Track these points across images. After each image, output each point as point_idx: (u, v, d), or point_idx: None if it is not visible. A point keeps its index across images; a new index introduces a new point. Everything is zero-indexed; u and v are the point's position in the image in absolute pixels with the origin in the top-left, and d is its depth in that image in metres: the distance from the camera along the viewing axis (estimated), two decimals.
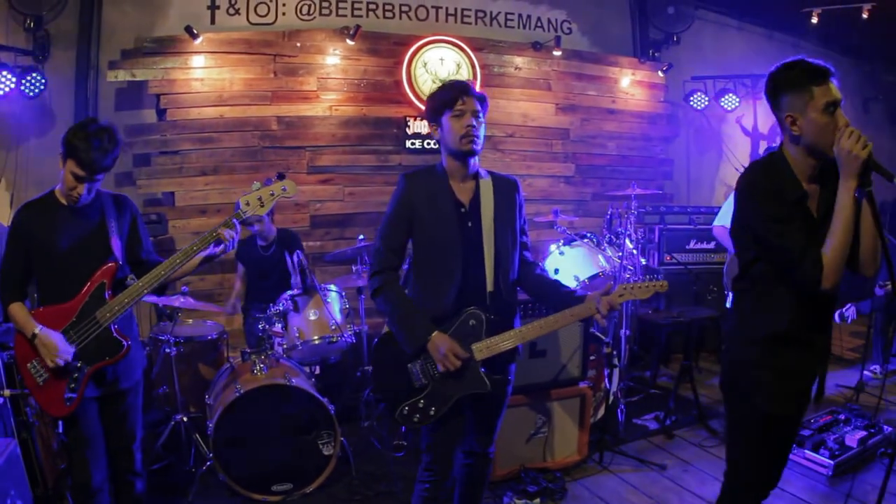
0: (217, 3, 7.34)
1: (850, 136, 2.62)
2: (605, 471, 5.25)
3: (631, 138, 9.16)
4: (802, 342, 2.94)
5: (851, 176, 2.66)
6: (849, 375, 7.15)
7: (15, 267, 3.47)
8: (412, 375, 3.39)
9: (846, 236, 2.68)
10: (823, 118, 2.70)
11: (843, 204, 2.69)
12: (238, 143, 7.22)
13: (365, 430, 5.81)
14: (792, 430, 3.15)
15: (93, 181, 3.39)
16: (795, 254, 2.74)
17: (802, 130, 2.77)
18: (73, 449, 3.56)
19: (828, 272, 2.68)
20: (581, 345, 5.27)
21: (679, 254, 8.00)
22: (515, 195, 3.58)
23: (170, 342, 5.27)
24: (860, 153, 2.60)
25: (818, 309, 2.91)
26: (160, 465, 5.20)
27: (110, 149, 3.34)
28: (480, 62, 8.08)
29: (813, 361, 3.00)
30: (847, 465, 5.05)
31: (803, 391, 3.03)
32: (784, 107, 2.81)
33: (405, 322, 3.35)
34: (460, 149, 3.32)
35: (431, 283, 3.41)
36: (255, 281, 6.31)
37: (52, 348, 3.29)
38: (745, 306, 3.12)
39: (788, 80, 2.78)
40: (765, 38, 10.25)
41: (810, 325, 2.93)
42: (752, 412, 3.04)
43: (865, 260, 2.82)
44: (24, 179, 6.55)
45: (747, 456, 3.13)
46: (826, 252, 2.69)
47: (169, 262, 3.45)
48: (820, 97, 2.70)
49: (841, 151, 2.64)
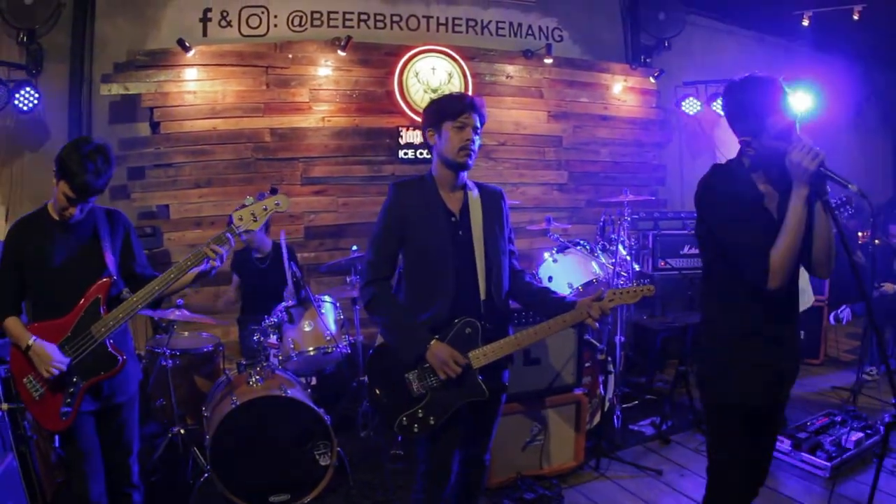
0: (209, 16, 7.37)
1: (801, 149, 2.71)
2: (602, 477, 5.26)
3: (623, 144, 9.17)
4: (768, 336, 3.00)
5: (802, 185, 2.75)
6: (845, 377, 7.18)
7: (9, 282, 3.48)
8: (410, 385, 3.40)
9: (793, 239, 2.77)
10: (775, 143, 2.82)
11: (793, 209, 2.78)
12: (231, 156, 7.24)
13: (362, 439, 5.82)
14: (767, 424, 3.17)
15: (85, 203, 3.40)
16: (744, 253, 2.85)
17: (756, 152, 2.92)
18: (70, 463, 3.56)
19: (773, 272, 2.77)
20: (575, 352, 5.29)
21: (673, 259, 8.00)
22: (502, 204, 3.62)
23: (166, 355, 5.28)
24: (809, 165, 2.69)
25: (779, 303, 2.97)
26: (157, 477, 5.20)
27: (103, 171, 3.34)
28: (472, 71, 8.11)
29: (780, 353, 3.04)
30: (844, 467, 5.07)
31: (773, 383, 3.07)
32: (738, 131, 3.00)
33: (402, 331, 3.37)
34: (456, 160, 3.36)
35: (424, 293, 3.41)
36: (251, 293, 6.31)
37: (47, 358, 3.29)
38: (710, 304, 3.20)
39: (741, 107, 2.97)
40: (756, 41, 10.28)
41: (774, 319, 2.99)
42: (724, 406, 3.11)
43: (818, 262, 2.94)
44: (19, 194, 6.56)
45: (725, 452, 3.17)
46: (773, 253, 2.78)
47: (163, 278, 3.46)
48: (773, 126, 2.84)
49: (791, 163, 2.74)
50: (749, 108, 2.88)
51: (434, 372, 3.33)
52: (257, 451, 4.74)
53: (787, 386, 3.17)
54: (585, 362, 5.50)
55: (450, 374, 3.28)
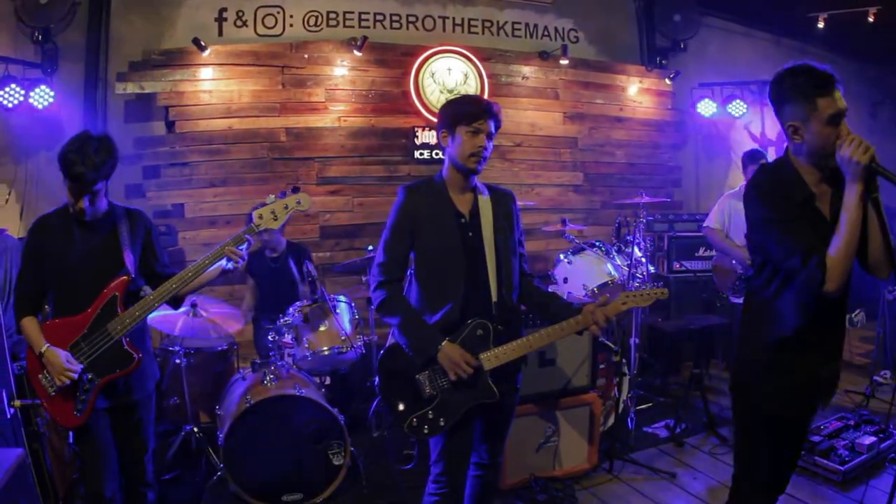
0: (224, 16, 7.38)
1: (852, 142, 2.61)
2: (615, 479, 5.24)
3: (639, 146, 9.15)
4: (810, 345, 2.92)
5: (855, 180, 2.64)
6: (859, 381, 7.13)
7: (29, 281, 3.52)
8: (420, 386, 3.39)
9: (851, 238, 2.66)
10: (826, 129, 2.70)
11: (848, 206, 2.67)
12: (247, 155, 7.25)
13: (375, 440, 5.82)
14: (798, 433, 3.14)
15: (90, 193, 3.39)
16: (799, 254, 2.73)
17: (805, 140, 2.77)
18: (85, 459, 3.58)
19: (831, 273, 2.65)
20: (590, 353, 5.28)
21: (688, 261, 7.99)
22: (512, 206, 3.62)
23: (180, 353, 5.30)
24: (861, 158, 2.58)
25: (826, 311, 2.88)
26: (171, 475, 5.22)
27: (98, 160, 3.32)
28: (488, 72, 8.10)
29: (819, 363, 2.97)
30: (857, 471, 5.03)
31: (809, 394, 3.01)
32: (787, 115, 2.80)
33: (414, 332, 3.36)
34: (466, 165, 3.37)
35: (435, 294, 3.41)
36: (266, 292, 6.32)
37: (59, 367, 3.31)
38: (754, 308, 3.13)
39: (792, 89, 2.77)
40: (772, 43, 10.22)
41: (818, 328, 2.91)
42: (757, 413, 3.07)
43: (877, 263, 2.80)
44: (34, 192, 6.58)
45: (752, 458, 3.14)
46: (831, 253, 2.67)
47: (180, 276, 3.47)
48: (824, 109, 2.68)
49: (843, 159, 2.64)
50: (801, 89, 2.72)
51: (445, 373, 3.32)
52: (271, 450, 4.75)
53: (823, 397, 3.10)
54: (600, 364, 5.49)
55: (461, 375, 3.27)
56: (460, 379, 3.28)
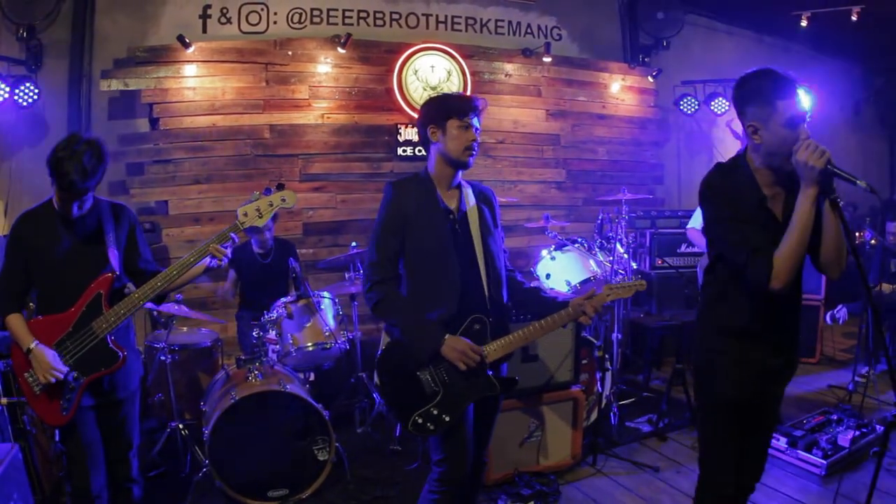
0: (209, 13, 7.39)
1: (807, 147, 2.67)
2: (599, 473, 5.28)
3: (621, 143, 9.21)
4: (759, 337, 3.02)
5: (810, 184, 2.71)
6: (841, 376, 7.21)
7: (13, 277, 3.49)
8: (423, 383, 3.36)
9: (800, 239, 2.73)
10: (784, 131, 2.77)
11: (800, 209, 2.74)
12: (231, 152, 7.26)
13: (359, 435, 5.84)
14: (756, 420, 3.19)
15: (80, 200, 3.38)
16: (746, 253, 2.82)
17: (763, 140, 2.85)
18: (71, 457, 3.56)
19: (777, 272, 2.74)
20: (573, 349, 5.30)
21: (670, 258, 8.04)
22: (493, 203, 3.65)
23: (165, 350, 5.31)
24: (816, 163, 2.64)
25: (778, 307, 2.97)
26: (157, 471, 5.21)
27: (90, 168, 3.28)
28: (471, 69, 8.14)
29: (770, 354, 3.06)
30: (840, 465, 5.09)
31: (758, 380, 3.08)
32: (748, 116, 2.88)
33: (416, 329, 3.34)
34: (460, 158, 3.38)
35: (430, 291, 3.39)
36: (250, 288, 6.33)
37: (46, 365, 3.29)
38: (709, 298, 3.20)
39: (754, 91, 2.86)
40: (754, 41, 10.31)
41: (770, 322, 3.00)
42: (714, 397, 3.15)
43: (828, 263, 2.90)
44: (18, 189, 6.58)
45: (712, 444, 3.21)
46: (778, 254, 2.75)
47: (165, 274, 3.45)
48: (783, 111, 2.76)
49: (798, 163, 2.70)
50: (763, 91, 2.81)
51: (447, 369, 3.32)
52: (256, 446, 4.76)
53: (775, 385, 3.19)
54: (583, 359, 5.52)
55: (469, 363, 3.26)
56: (463, 373, 3.29)
